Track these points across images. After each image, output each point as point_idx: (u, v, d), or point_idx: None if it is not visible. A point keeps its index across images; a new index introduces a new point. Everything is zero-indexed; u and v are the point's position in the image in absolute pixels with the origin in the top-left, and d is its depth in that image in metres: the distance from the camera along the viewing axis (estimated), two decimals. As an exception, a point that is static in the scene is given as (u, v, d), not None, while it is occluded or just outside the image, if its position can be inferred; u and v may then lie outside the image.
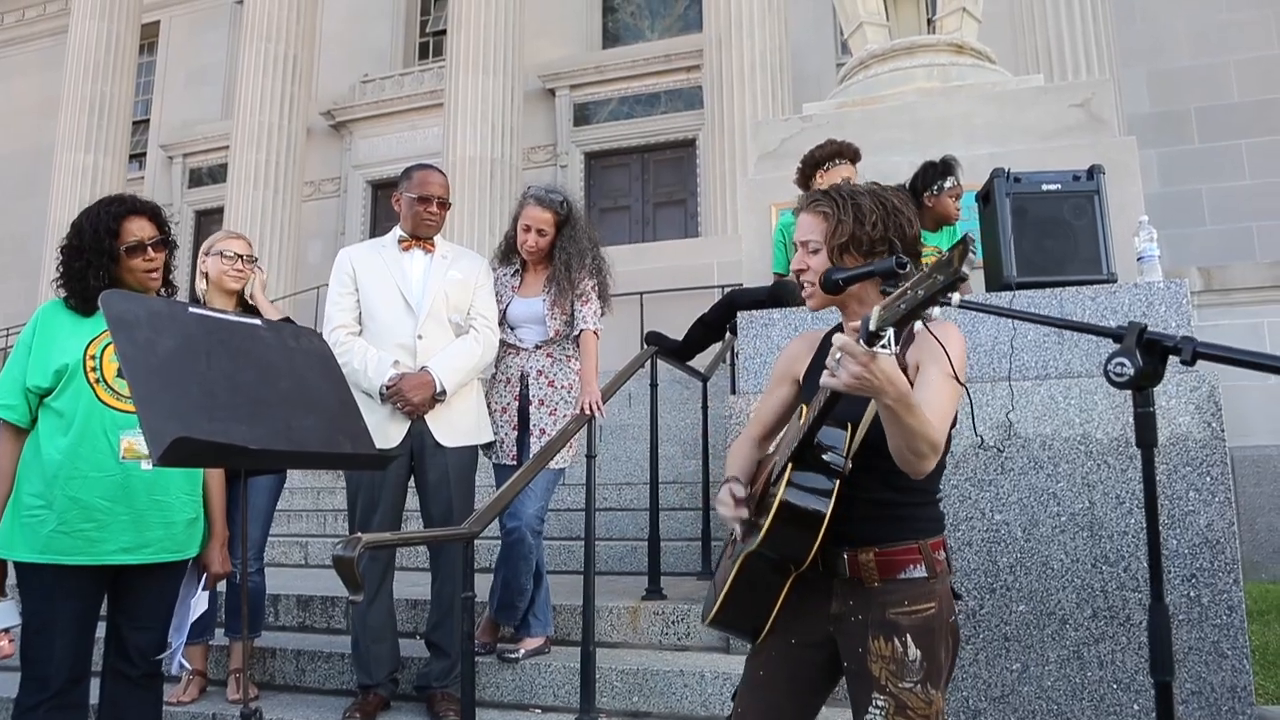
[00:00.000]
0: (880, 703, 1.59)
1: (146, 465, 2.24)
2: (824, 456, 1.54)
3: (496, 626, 3.44)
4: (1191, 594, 2.92)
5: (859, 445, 1.60)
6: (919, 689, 1.58)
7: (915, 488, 1.62)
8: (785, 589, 1.65)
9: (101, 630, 2.36)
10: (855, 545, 1.63)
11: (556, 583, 3.89)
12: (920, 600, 1.62)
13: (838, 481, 1.55)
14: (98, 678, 2.36)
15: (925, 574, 1.63)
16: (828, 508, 1.54)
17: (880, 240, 1.69)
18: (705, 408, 4.78)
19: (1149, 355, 1.29)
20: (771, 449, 1.80)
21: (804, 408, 1.63)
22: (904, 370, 1.62)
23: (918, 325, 1.66)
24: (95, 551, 2.21)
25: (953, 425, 1.65)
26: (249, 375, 1.86)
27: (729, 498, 1.72)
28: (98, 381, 2.26)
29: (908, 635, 1.60)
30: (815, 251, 1.73)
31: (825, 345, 1.83)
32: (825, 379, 1.41)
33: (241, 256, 3.37)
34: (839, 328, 1.84)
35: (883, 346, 1.33)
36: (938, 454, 1.51)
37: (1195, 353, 1.25)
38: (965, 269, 1.26)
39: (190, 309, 1.95)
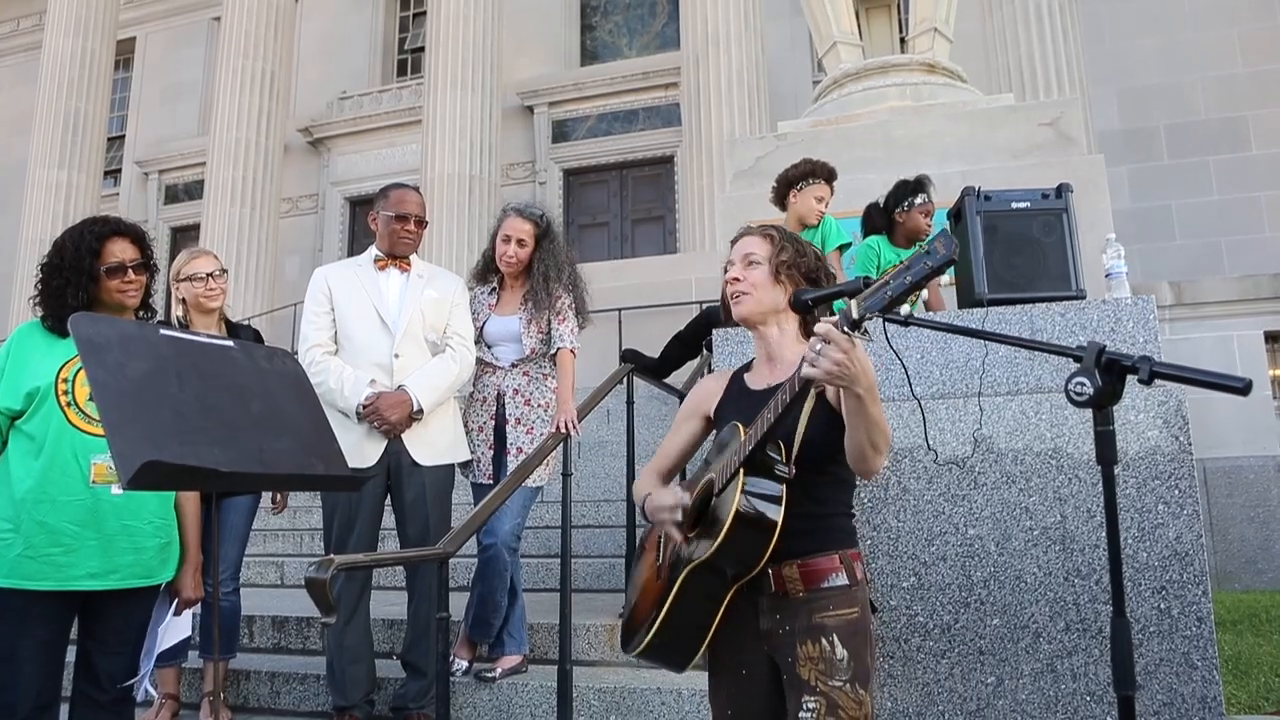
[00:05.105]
0: (811, 704, 1.61)
1: (117, 490, 2.22)
2: (776, 470, 1.59)
3: (474, 644, 3.42)
4: (1162, 606, 2.96)
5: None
6: (848, 688, 1.61)
7: (834, 500, 1.69)
8: (721, 611, 1.67)
9: (71, 655, 2.33)
10: (779, 560, 1.66)
11: (535, 601, 3.88)
12: (844, 605, 1.67)
13: (785, 489, 1.60)
14: (67, 703, 2.33)
15: (847, 581, 1.69)
16: (780, 514, 1.58)
17: (814, 271, 1.82)
18: (683, 424, 4.79)
19: (1108, 374, 1.32)
20: (708, 474, 1.80)
21: (740, 428, 1.67)
22: (822, 391, 1.68)
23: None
24: (62, 577, 2.18)
25: None
26: (221, 397, 1.86)
27: (670, 494, 1.74)
28: (69, 405, 2.24)
29: (834, 635, 1.64)
30: (754, 264, 1.83)
31: (735, 382, 1.91)
32: (806, 369, 1.44)
33: (212, 274, 3.37)
34: (747, 366, 1.92)
35: (862, 334, 1.39)
36: (889, 450, 1.59)
37: (1152, 372, 1.28)
38: (954, 253, 1.32)
39: (162, 331, 1.94)
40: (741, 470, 1.59)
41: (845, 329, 1.39)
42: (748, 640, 1.72)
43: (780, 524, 1.58)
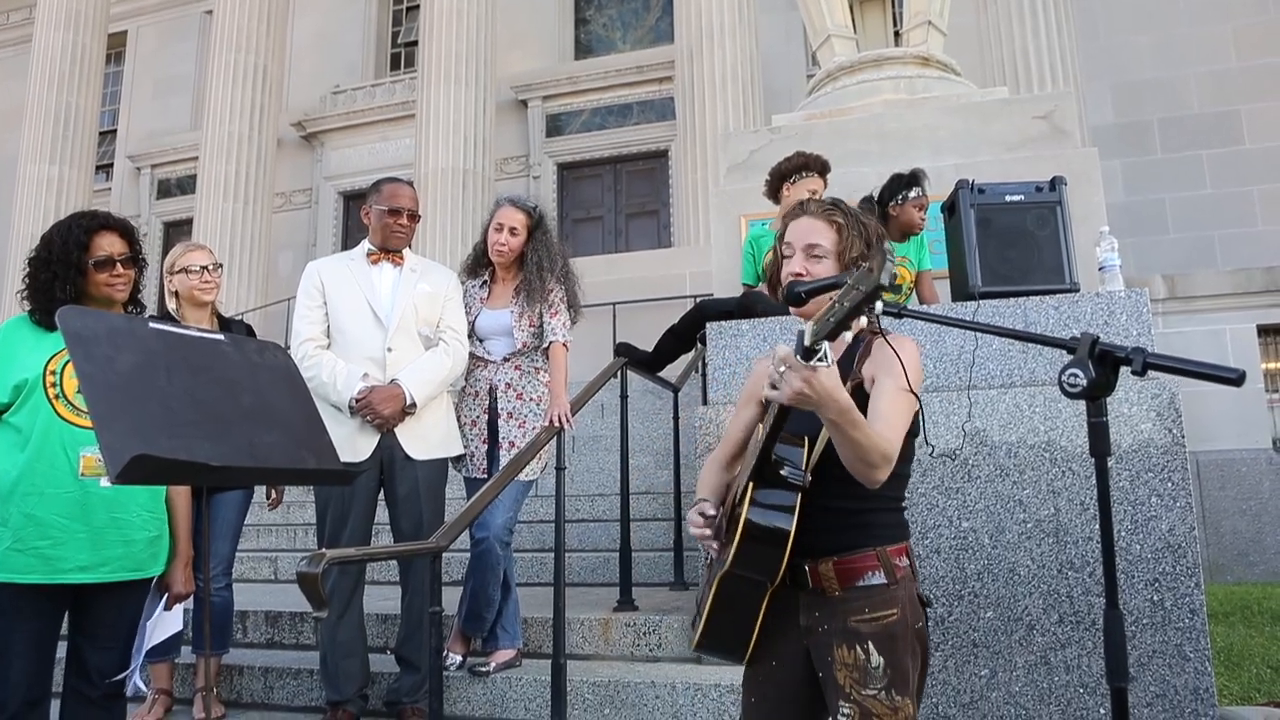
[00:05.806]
0: (846, 710, 1.59)
1: (105, 482, 2.21)
2: (782, 471, 1.54)
3: (468, 639, 3.42)
4: (1154, 598, 2.96)
5: (818, 457, 1.60)
6: (883, 695, 1.58)
7: (876, 495, 1.62)
8: (764, 605, 1.64)
9: (61, 650, 2.32)
10: (816, 556, 1.63)
11: (529, 595, 3.88)
12: (881, 607, 1.62)
13: (798, 495, 1.55)
14: (58, 699, 2.32)
15: (884, 580, 1.63)
16: (791, 524, 1.53)
17: None
18: (676, 418, 4.80)
19: (1101, 366, 1.32)
20: (739, 469, 1.81)
21: (760, 425, 1.64)
22: (860, 383, 1.64)
23: (876, 340, 1.69)
24: (51, 569, 2.17)
25: (914, 435, 1.67)
26: (211, 391, 1.84)
27: (698, 517, 1.71)
28: (57, 397, 2.23)
29: (869, 642, 1.60)
30: (819, 258, 1.73)
31: None
32: (768, 393, 1.41)
33: (207, 268, 3.36)
34: None
35: (819, 360, 1.32)
36: (890, 464, 1.51)
37: (1145, 363, 1.28)
38: (885, 279, 1.27)
39: (151, 324, 1.93)
40: (750, 483, 1.55)
41: (799, 356, 1.34)
42: (785, 633, 1.69)
43: (792, 533, 1.53)
